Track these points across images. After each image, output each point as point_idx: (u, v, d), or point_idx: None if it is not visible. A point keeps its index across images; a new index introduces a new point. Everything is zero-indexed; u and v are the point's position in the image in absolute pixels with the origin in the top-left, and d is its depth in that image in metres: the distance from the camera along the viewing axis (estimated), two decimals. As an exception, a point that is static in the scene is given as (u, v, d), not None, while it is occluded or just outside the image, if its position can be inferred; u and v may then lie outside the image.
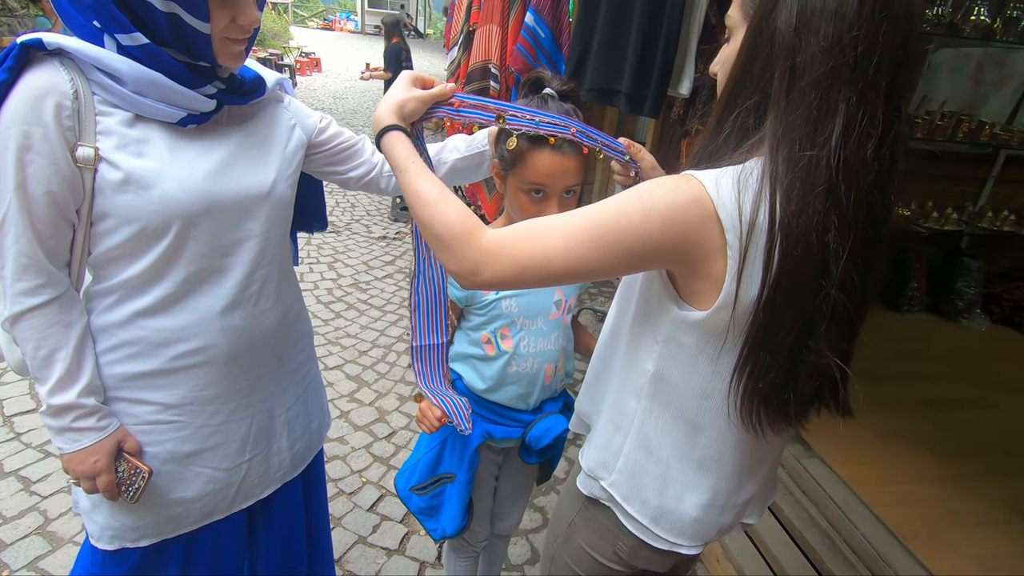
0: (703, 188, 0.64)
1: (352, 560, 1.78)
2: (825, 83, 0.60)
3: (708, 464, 0.79)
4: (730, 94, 0.70)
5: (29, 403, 2.27)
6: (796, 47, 0.61)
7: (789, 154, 0.61)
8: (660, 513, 0.82)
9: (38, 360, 0.85)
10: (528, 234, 0.70)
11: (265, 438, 1.08)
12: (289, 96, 1.08)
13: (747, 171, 0.65)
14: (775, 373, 0.67)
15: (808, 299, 0.63)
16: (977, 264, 3.33)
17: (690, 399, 0.76)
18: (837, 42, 0.60)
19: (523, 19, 2.43)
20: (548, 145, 0.98)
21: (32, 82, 0.77)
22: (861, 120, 0.60)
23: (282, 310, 1.05)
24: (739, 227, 0.63)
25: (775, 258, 0.62)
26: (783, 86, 0.63)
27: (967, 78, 3.06)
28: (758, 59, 0.66)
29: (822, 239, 0.61)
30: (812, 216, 0.60)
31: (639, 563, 0.89)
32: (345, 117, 8.41)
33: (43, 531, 1.75)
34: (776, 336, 0.65)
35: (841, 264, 0.62)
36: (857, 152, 0.60)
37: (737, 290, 0.65)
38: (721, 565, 1.83)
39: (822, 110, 0.60)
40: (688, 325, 0.72)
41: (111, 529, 0.97)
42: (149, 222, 0.85)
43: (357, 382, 2.66)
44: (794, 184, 0.61)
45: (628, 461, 0.84)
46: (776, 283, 0.63)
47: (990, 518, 1.85)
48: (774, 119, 0.64)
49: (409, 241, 4.38)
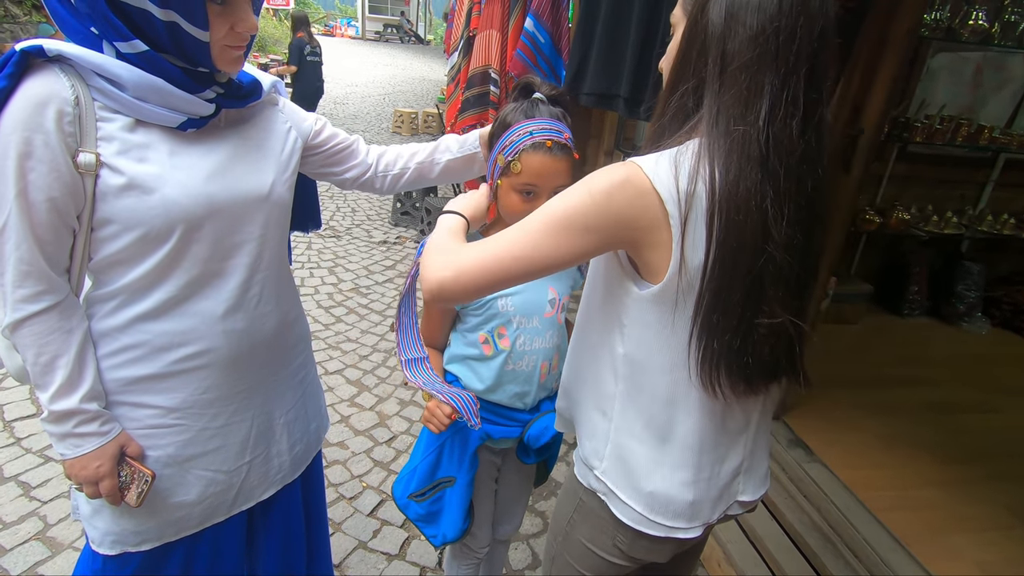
0: (639, 168, 0.71)
1: (352, 565, 1.78)
2: (752, 67, 0.68)
3: (688, 439, 0.81)
4: (671, 80, 0.77)
5: (29, 408, 2.27)
6: (726, 35, 0.69)
7: (725, 129, 0.68)
8: (652, 497, 0.83)
9: (39, 367, 0.85)
10: (489, 240, 0.78)
11: (265, 440, 1.08)
12: (284, 99, 1.09)
13: (683, 150, 0.72)
14: (730, 335, 0.72)
15: (753, 261, 0.69)
16: (977, 268, 3.33)
17: (661, 375, 0.79)
18: (761, 32, 0.67)
19: (523, 24, 2.44)
20: (544, 148, 1.03)
21: (33, 89, 0.77)
22: (785, 101, 0.68)
23: (281, 312, 1.06)
24: (677, 196, 0.69)
25: (716, 223, 0.68)
26: (716, 70, 0.70)
27: (966, 82, 3.07)
28: (694, 47, 0.73)
29: (760, 205, 0.68)
30: (749, 185, 0.67)
31: (640, 554, 0.89)
32: (345, 122, 8.43)
33: (43, 536, 1.75)
34: (726, 297, 0.70)
35: (783, 229, 0.68)
36: (783, 129, 0.68)
37: (682, 255, 0.70)
38: (722, 568, 1.83)
39: (751, 91, 0.68)
40: (647, 302, 0.76)
41: (113, 534, 0.97)
42: (152, 227, 0.85)
43: (357, 387, 2.66)
44: (731, 156, 0.68)
45: (615, 446, 0.85)
46: (720, 245, 0.69)
47: (992, 523, 1.85)
48: (709, 99, 0.71)
49: (410, 246, 4.39)
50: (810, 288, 0.78)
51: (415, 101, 10.73)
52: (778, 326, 0.72)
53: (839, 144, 1.87)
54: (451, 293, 0.77)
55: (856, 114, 1.85)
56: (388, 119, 8.99)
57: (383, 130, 8.40)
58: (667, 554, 0.91)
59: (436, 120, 8.43)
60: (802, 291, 0.76)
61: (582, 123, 3.74)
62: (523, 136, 1.03)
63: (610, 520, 0.88)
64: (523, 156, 1.03)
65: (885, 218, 3.03)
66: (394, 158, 1.23)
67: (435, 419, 1.11)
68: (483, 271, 0.75)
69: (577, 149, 1.08)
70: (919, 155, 3.14)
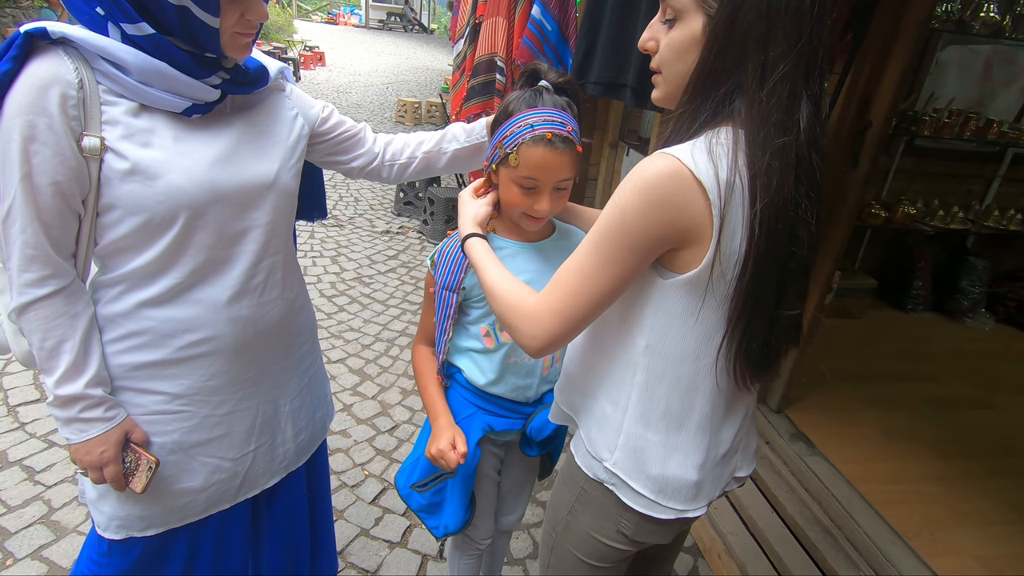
0: (678, 160, 0.69)
1: (355, 552, 1.79)
2: (791, 76, 0.67)
3: (703, 424, 0.83)
4: (700, 85, 0.74)
5: (33, 393, 2.28)
6: (768, 42, 0.67)
7: (765, 141, 0.68)
8: (665, 483, 0.84)
9: (45, 351, 0.85)
10: (553, 285, 0.79)
11: (270, 428, 1.08)
12: (291, 85, 1.07)
13: (716, 139, 0.71)
14: (759, 325, 0.75)
15: (782, 261, 0.71)
16: (982, 263, 3.31)
17: (684, 364, 0.80)
18: (798, 38, 0.67)
19: (530, 12, 2.41)
20: (544, 141, 0.98)
21: (36, 72, 0.76)
22: (816, 103, 0.69)
23: (287, 300, 1.05)
24: (717, 187, 0.68)
25: (757, 231, 0.69)
26: (756, 79, 0.68)
27: (975, 76, 3.04)
28: (730, 53, 0.70)
29: (795, 211, 0.70)
30: (788, 195, 0.68)
31: (645, 537, 0.90)
32: (349, 111, 8.40)
33: (47, 520, 1.76)
34: (759, 292, 0.72)
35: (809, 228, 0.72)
36: (820, 135, 0.70)
37: (719, 244, 0.70)
38: (724, 563, 1.83)
39: (792, 99, 0.68)
40: (675, 290, 0.76)
41: (118, 519, 0.97)
42: (155, 212, 0.84)
43: (360, 376, 2.66)
44: (772, 166, 0.67)
45: (629, 437, 0.85)
46: (756, 246, 0.70)
47: (993, 518, 1.85)
48: (748, 108, 0.69)
49: (412, 236, 4.38)
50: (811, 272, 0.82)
51: (418, 90, 10.67)
52: (795, 316, 0.76)
53: (847, 138, 1.85)
54: (552, 350, 0.81)
55: (865, 107, 1.83)
56: (391, 108, 8.94)
57: (386, 119, 8.36)
58: (671, 534, 0.92)
59: (439, 110, 8.38)
60: (807, 280, 0.79)
61: (588, 113, 3.71)
62: (523, 128, 0.98)
63: (614, 507, 0.88)
64: (522, 149, 0.99)
65: (891, 212, 3.02)
66: (401, 147, 1.21)
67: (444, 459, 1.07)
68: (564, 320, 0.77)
69: (582, 140, 1.04)
70: (926, 149, 3.12)
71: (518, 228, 1.11)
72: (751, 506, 1.91)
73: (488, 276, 0.91)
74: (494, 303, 0.88)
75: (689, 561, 1.92)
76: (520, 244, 1.12)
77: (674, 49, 0.77)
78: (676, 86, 0.78)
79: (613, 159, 3.76)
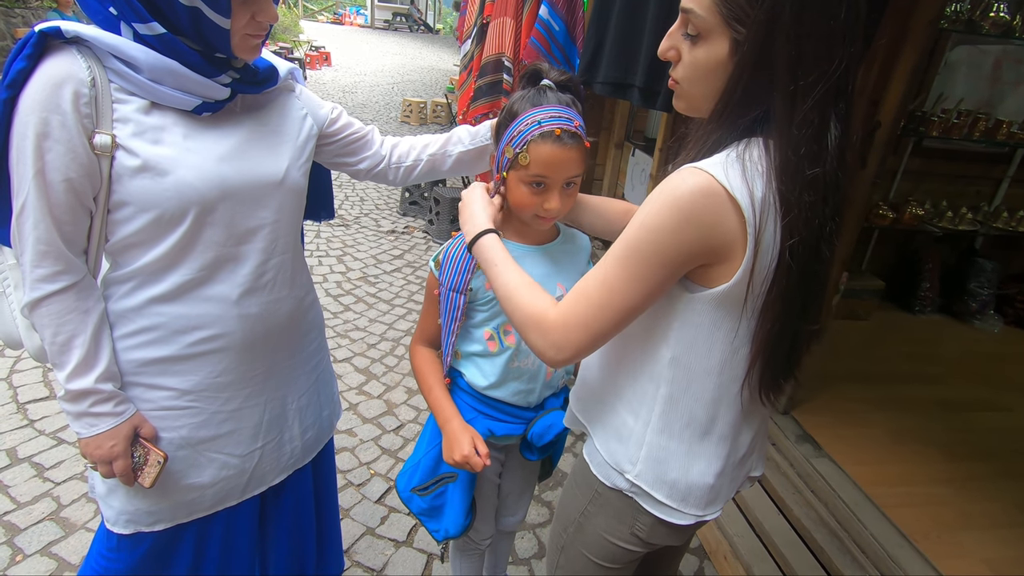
0: (712, 177, 0.67)
1: (360, 551, 1.79)
2: (823, 102, 0.66)
3: (726, 433, 0.83)
4: (728, 112, 0.72)
5: (43, 391, 2.30)
6: (797, 70, 0.65)
7: (797, 173, 0.67)
8: (688, 491, 0.84)
9: (56, 346, 0.86)
10: (578, 297, 0.77)
11: (278, 426, 1.08)
12: (300, 86, 1.08)
13: (751, 156, 0.69)
14: (786, 342, 0.76)
15: (808, 279, 0.71)
16: (991, 265, 3.29)
17: (709, 377, 0.79)
18: (829, 61, 0.65)
19: (537, 12, 2.42)
20: (553, 137, 0.96)
21: (50, 70, 0.77)
22: (845, 126, 0.68)
23: (296, 298, 1.06)
24: (752, 206, 0.67)
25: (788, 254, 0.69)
26: (787, 108, 0.67)
27: (985, 76, 3.02)
28: (758, 82, 0.68)
29: (823, 233, 0.70)
30: (818, 220, 0.68)
31: (659, 540, 0.90)
32: (355, 111, 8.42)
33: (56, 517, 1.77)
34: (788, 308, 0.72)
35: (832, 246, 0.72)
36: (842, 152, 0.69)
37: (754, 261, 0.69)
38: (730, 564, 1.83)
39: (822, 126, 0.67)
40: (703, 303, 0.75)
41: (127, 513, 0.98)
42: (165, 209, 0.85)
43: (366, 375, 2.67)
44: (804, 196, 0.67)
45: (652, 448, 0.84)
46: (788, 269, 0.70)
47: (1001, 520, 1.84)
48: (778, 138, 0.68)
49: (417, 235, 4.39)
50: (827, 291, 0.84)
51: (424, 91, 10.69)
52: (816, 330, 0.78)
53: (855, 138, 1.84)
54: (574, 362, 0.81)
55: (873, 107, 1.83)
56: (397, 108, 8.97)
57: (391, 119, 8.38)
58: (686, 536, 0.93)
59: (445, 110, 8.40)
60: (825, 290, 0.80)
61: (594, 113, 3.71)
62: (531, 126, 0.96)
63: (629, 510, 0.88)
64: (531, 147, 0.97)
65: (898, 213, 3.00)
66: (407, 150, 1.21)
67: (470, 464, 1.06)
68: (589, 332, 0.76)
69: (588, 140, 1.03)
70: (935, 150, 3.10)
71: (524, 230, 1.10)
72: (757, 508, 1.91)
73: (505, 280, 0.87)
74: (512, 311, 0.84)
75: (695, 562, 1.91)
76: (527, 247, 1.10)
77: (698, 69, 0.74)
78: (700, 102, 0.77)
79: (618, 159, 3.76)
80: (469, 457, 1.06)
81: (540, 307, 0.81)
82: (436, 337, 1.18)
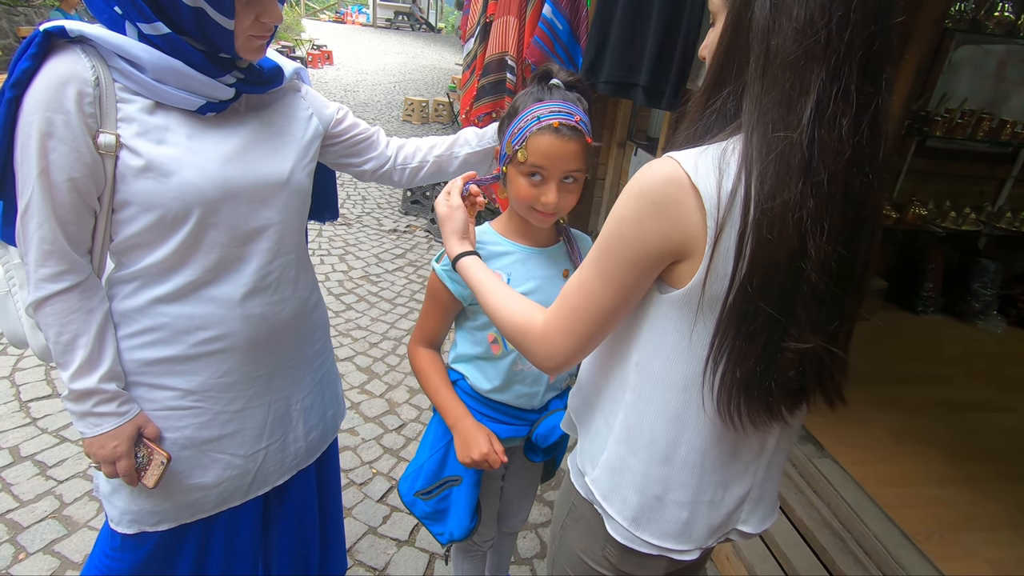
0: (678, 165, 0.64)
1: (362, 550, 1.79)
2: (798, 64, 0.60)
3: (691, 460, 0.76)
4: (711, 81, 0.70)
5: (46, 389, 2.30)
6: (771, 30, 0.61)
7: (763, 137, 0.61)
8: (640, 513, 0.78)
9: (60, 345, 0.86)
10: (561, 303, 0.75)
11: (282, 426, 1.08)
12: (306, 86, 1.08)
13: (728, 148, 0.64)
14: (754, 360, 0.66)
15: (786, 282, 0.62)
16: (994, 265, 3.28)
17: (672, 392, 0.74)
18: (809, 23, 0.59)
19: (541, 11, 2.41)
20: (551, 129, 0.95)
21: (54, 69, 0.77)
22: (835, 97, 0.59)
23: (300, 299, 1.06)
24: (717, 199, 0.63)
25: (748, 241, 0.61)
26: (758, 70, 0.62)
27: (989, 76, 3.01)
28: (737, 46, 0.65)
29: (797, 220, 0.60)
30: (787, 198, 0.59)
31: (629, 568, 0.84)
32: (357, 110, 8.42)
33: (59, 515, 1.78)
34: (751, 321, 0.64)
35: (821, 246, 0.61)
36: (831, 130, 0.60)
37: (709, 264, 0.64)
38: (731, 564, 1.83)
39: (795, 90, 0.60)
40: (667, 306, 0.71)
41: (130, 513, 0.98)
42: (169, 209, 0.85)
43: (368, 374, 2.67)
44: (768, 167, 0.60)
45: (610, 456, 0.81)
46: (749, 265, 0.62)
47: (1004, 521, 1.83)
48: (749, 103, 0.63)
49: (419, 235, 4.39)
50: (853, 306, 0.69)
51: (425, 90, 10.68)
52: (808, 351, 0.65)
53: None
54: (568, 368, 0.79)
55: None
56: (398, 107, 8.96)
57: (393, 118, 8.37)
58: (659, 571, 0.84)
59: (447, 109, 8.39)
60: (841, 313, 0.67)
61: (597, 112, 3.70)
62: (530, 121, 0.96)
63: (600, 529, 0.83)
64: (530, 141, 0.96)
65: (902, 213, 2.99)
66: (413, 151, 1.21)
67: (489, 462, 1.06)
68: (575, 338, 0.74)
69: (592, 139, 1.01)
70: (938, 150, 3.09)
71: (527, 231, 1.09)
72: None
73: (491, 300, 0.87)
74: (502, 328, 0.84)
75: (696, 562, 1.91)
76: (530, 249, 1.09)
77: (709, 50, 0.73)
78: None
79: (621, 159, 3.75)
80: (488, 455, 1.04)
81: (526, 318, 0.80)
82: (436, 338, 1.17)
